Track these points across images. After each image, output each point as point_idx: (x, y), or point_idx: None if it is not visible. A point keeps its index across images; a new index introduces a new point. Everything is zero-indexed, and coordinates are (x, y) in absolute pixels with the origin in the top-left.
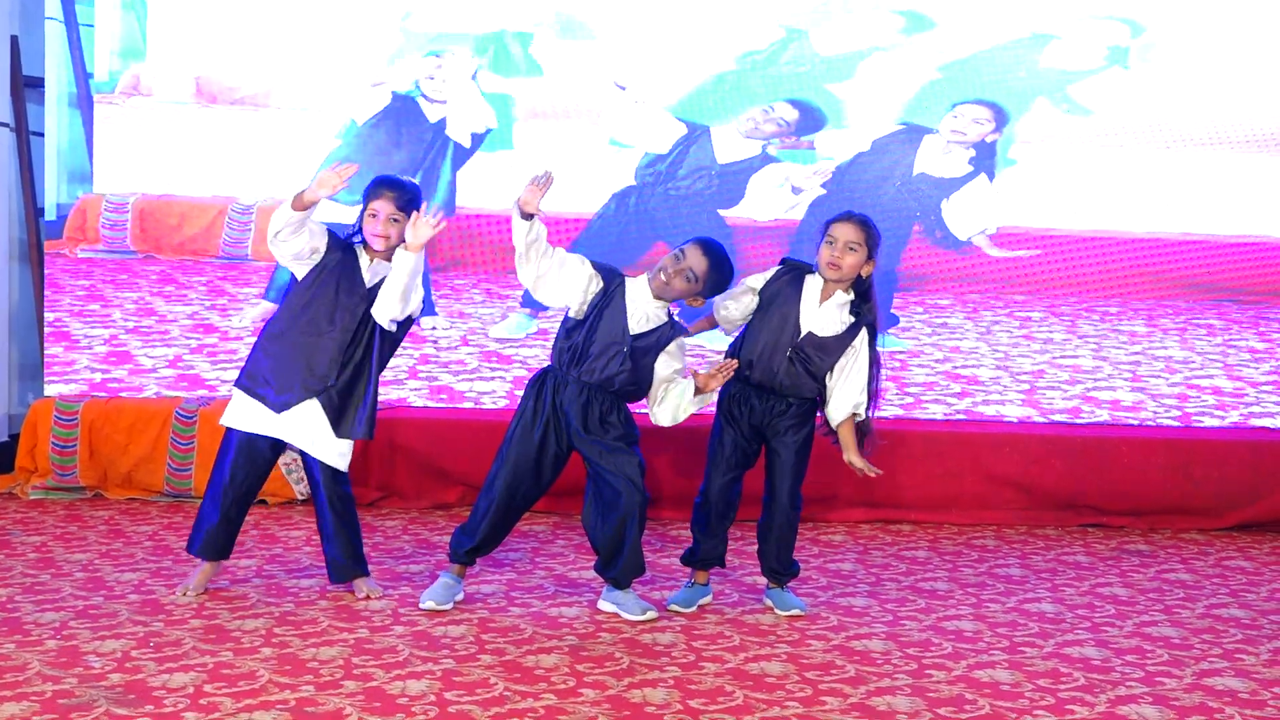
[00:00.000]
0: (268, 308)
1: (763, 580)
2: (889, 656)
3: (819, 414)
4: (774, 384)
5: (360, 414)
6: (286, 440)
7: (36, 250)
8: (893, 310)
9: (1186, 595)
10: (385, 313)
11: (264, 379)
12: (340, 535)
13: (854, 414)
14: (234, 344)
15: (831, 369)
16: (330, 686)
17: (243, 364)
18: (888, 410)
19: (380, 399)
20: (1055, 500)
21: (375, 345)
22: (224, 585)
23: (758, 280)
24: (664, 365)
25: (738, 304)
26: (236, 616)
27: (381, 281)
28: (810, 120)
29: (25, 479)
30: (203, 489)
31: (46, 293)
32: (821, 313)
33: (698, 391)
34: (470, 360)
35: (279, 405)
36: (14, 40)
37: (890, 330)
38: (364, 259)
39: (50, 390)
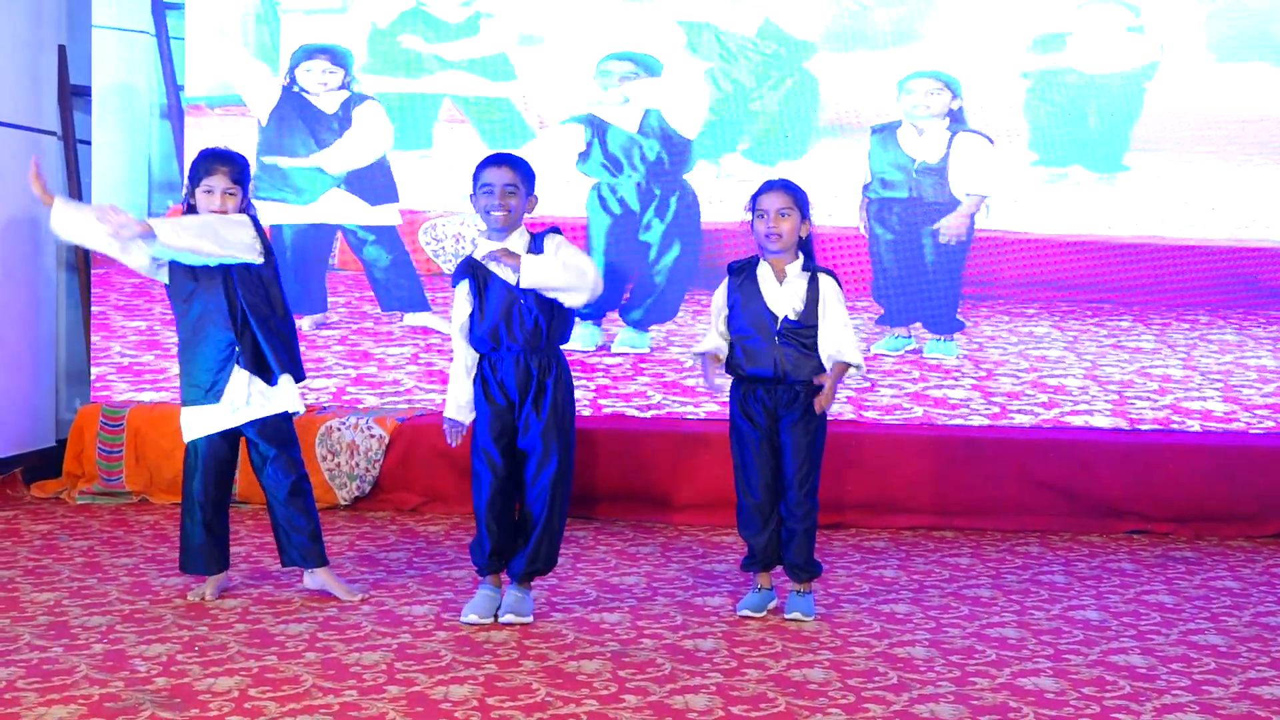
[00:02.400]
0: None
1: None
2: (932, 664)
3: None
4: (778, 375)
5: (283, 356)
6: (241, 420)
7: (84, 258)
8: (958, 315)
9: (1233, 603)
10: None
11: (194, 384)
12: (304, 516)
13: (847, 362)
14: (320, 351)
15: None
16: (373, 691)
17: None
18: (973, 420)
19: (426, 404)
20: (1100, 507)
21: (240, 291)
22: (268, 590)
23: (720, 297)
24: (552, 262)
25: (722, 328)
26: (280, 621)
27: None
28: (646, 63)
29: (72, 484)
30: (246, 495)
31: (138, 301)
32: (785, 291)
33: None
34: None
35: (215, 394)
36: (61, 50)
37: (955, 334)
38: None
39: (146, 398)
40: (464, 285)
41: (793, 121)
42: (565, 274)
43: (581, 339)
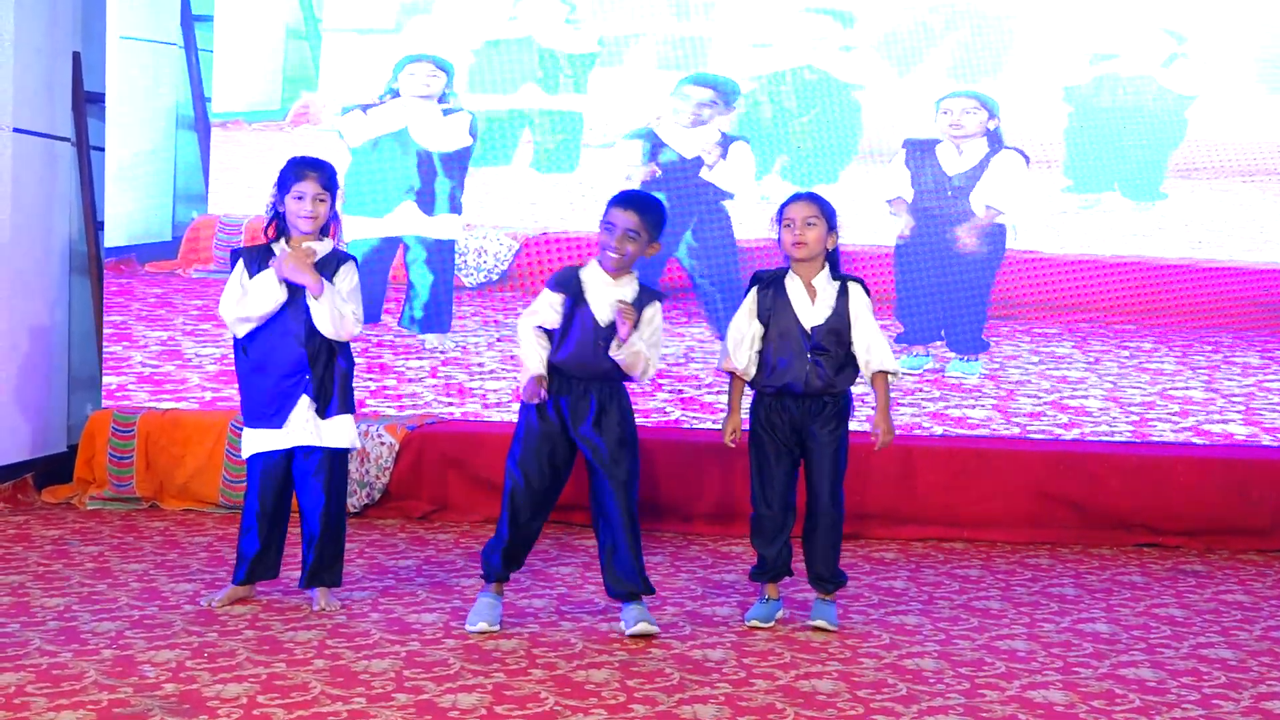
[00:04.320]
0: None
1: (814, 595)
2: (941, 676)
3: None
4: (807, 390)
5: (337, 393)
6: (296, 444)
7: (95, 263)
8: (984, 336)
9: (1244, 616)
10: (324, 331)
11: (260, 407)
12: (323, 539)
13: (884, 370)
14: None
15: (850, 344)
16: (382, 699)
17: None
18: (985, 431)
19: (439, 413)
20: (1110, 519)
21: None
22: (276, 597)
23: (750, 310)
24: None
25: (755, 346)
26: (289, 628)
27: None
28: (725, 91)
29: (83, 489)
30: None
31: (160, 312)
32: (817, 307)
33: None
34: None
35: (280, 420)
36: (76, 56)
37: (980, 355)
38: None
39: (165, 407)
40: (558, 299)
41: (831, 145)
42: (642, 361)
43: None
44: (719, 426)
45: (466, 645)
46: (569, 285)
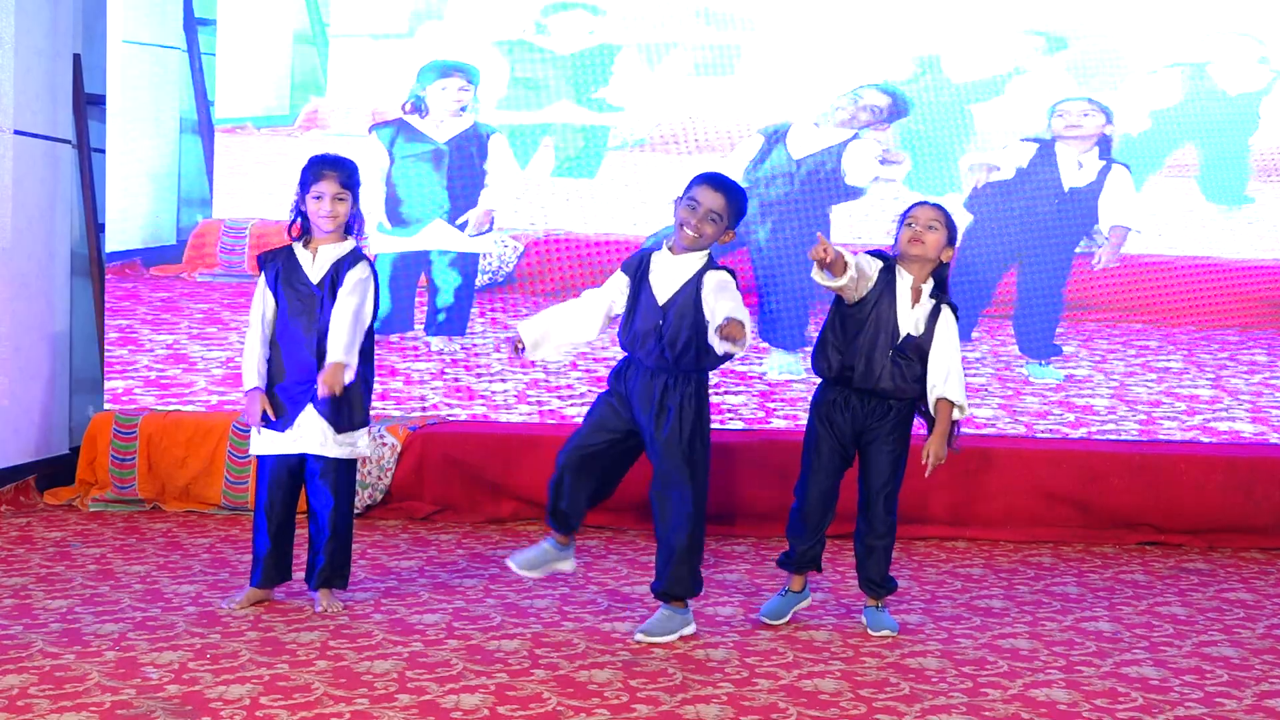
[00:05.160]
0: None
1: (819, 595)
2: (944, 674)
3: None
4: (876, 387)
5: (354, 405)
6: (300, 451)
7: (97, 265)
8: (1055, 341)
9: (1247, 615)
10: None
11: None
12: (336, 539)
13: (948, 400)
14: None
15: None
16: (384, 700)
17: None
18: (991, 429)
19: (446, 414)
20: (1113, 518)
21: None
22: (279, 598)
23: (876, 265)
24: (709, 301)
25: (869, 269)
26: (291, 629)
27: (330, 274)
28: (899, 105)
29: (85, 491)
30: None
31: (165, 315)
32: (914, 314)
33: None
34: (579, 385)
35: (283, 425)
36: (76, 58)
37: (1052, 360)
38: (304, 256)
39: (166, 409)
40: (624, 279)
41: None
42: (740, 335)
43: (780, 367)
44: (723, 427)
45: (469, 646)
46: (633, 266)
